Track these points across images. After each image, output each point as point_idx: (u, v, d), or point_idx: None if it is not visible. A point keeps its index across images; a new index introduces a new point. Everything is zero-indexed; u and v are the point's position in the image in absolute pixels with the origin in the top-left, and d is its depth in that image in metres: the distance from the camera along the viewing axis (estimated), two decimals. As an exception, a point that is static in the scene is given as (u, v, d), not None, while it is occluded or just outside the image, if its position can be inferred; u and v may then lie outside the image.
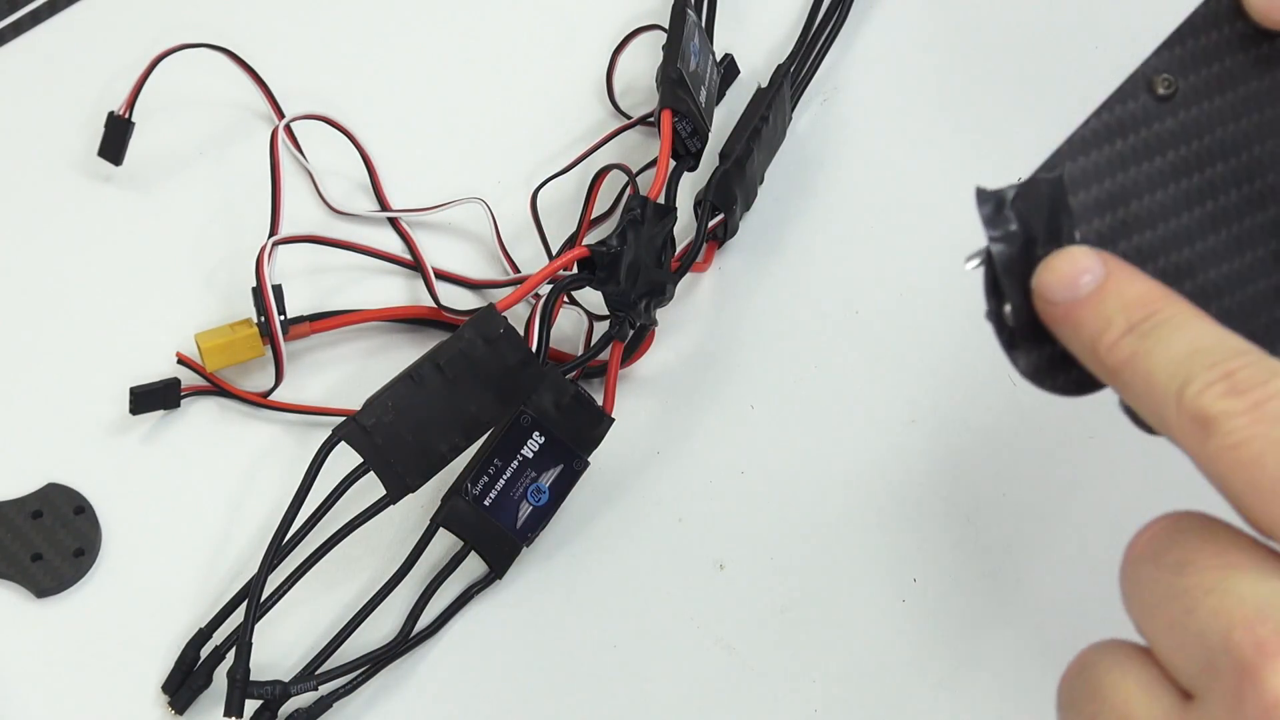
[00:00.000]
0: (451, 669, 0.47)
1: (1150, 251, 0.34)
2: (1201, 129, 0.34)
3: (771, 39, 0.59)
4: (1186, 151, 0.34)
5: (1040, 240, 0.33)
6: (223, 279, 0.54)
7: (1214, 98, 0.34)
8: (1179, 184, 0.34)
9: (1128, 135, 0.34)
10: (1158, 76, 0.34)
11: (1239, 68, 0.34)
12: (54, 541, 0.49)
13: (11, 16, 0.61)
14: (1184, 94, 0.34)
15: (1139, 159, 0.34)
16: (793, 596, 0.48)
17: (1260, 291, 0.34)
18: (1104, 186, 0.34)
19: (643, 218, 0.48)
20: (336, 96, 0.58)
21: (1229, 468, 0.28)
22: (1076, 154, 0.34)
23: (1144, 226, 0.34)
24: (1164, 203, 0.34)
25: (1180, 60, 0.34)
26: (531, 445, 0.47)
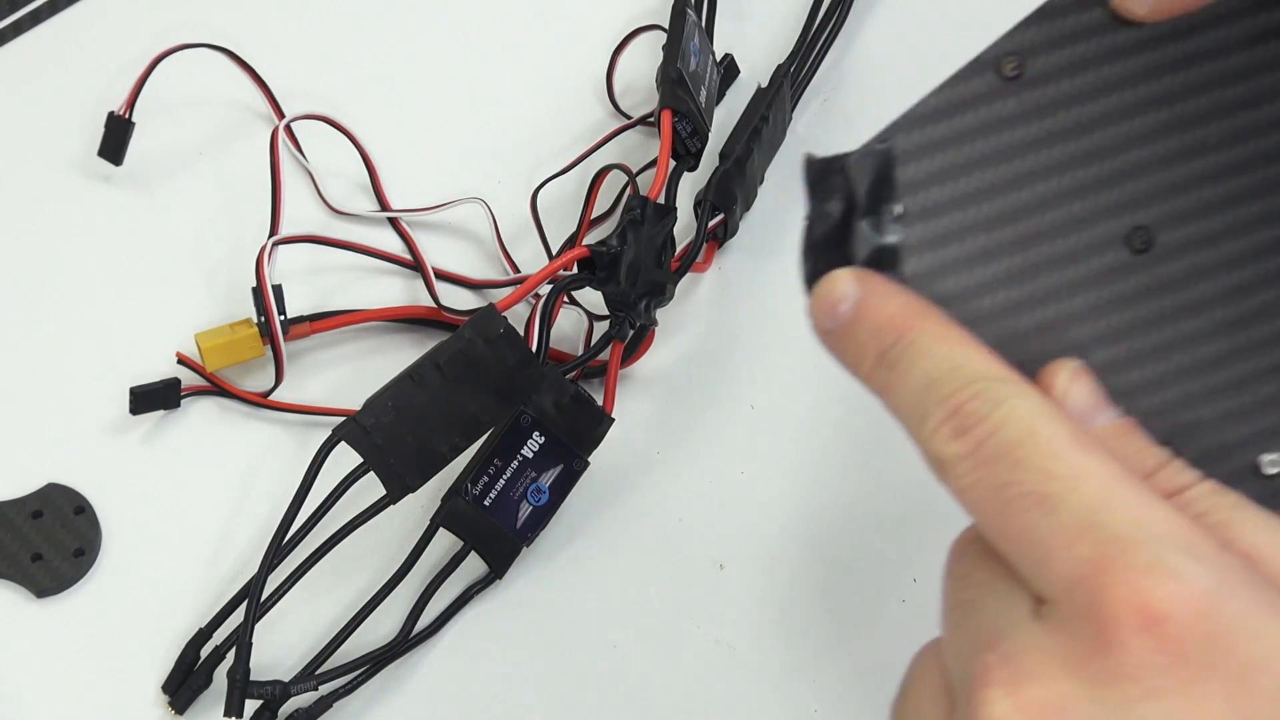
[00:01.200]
0: (451, 669, 0.47)
1: (983, 225, 0.33)
2: (1045, 111, 0.33)
3: (771, 39, 0.59)
4: (1027, 133, 0.33)
5: (860, 211, 0.33)
6: (223, 279, 0.54)
7: (1062, 82, 0.33)
8: (1018, 163, 0.33)
9: (968, 112, 0.33)
10: (1005, 57, 0.33)
11: (1092, 54, 0.33)
12: (54, 541, 0.49)
13: (11, 16, 0.61)
14: (1031, 76, 0.33)
15: (978, 136, 0.33)
16: (793, 596, 0.48)
17: (1093, 270, 0.33)
18: (938, 161, 0.33)
19: (643, 218, 0.48)
20: (336, 96, 0.58)
21: (966, 507, 0.29)
22: (913, 128, 0.33)
23: (977, 201, 0.33)
24: (1001, 180, 0.33)
25: (1032, 43, 0.33)
26: (531, 445, 0.47)
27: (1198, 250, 0.34)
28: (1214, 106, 0.34)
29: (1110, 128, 0.34)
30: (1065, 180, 0.33)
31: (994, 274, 0.33)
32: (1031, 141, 0.33)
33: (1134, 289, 0.33)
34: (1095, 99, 0.34)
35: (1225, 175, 0.34)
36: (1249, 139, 0.34)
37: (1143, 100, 0.34)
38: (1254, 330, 0.34)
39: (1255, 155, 0.34)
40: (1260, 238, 0.34)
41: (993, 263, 0.33)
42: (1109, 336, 0.33)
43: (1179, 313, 0.33)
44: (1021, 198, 0.33)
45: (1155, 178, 0.34)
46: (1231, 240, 0.34)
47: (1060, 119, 0.33)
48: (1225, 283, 0.34)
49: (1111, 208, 0.33)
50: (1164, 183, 0.34)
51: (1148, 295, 0.33)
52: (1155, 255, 0.33)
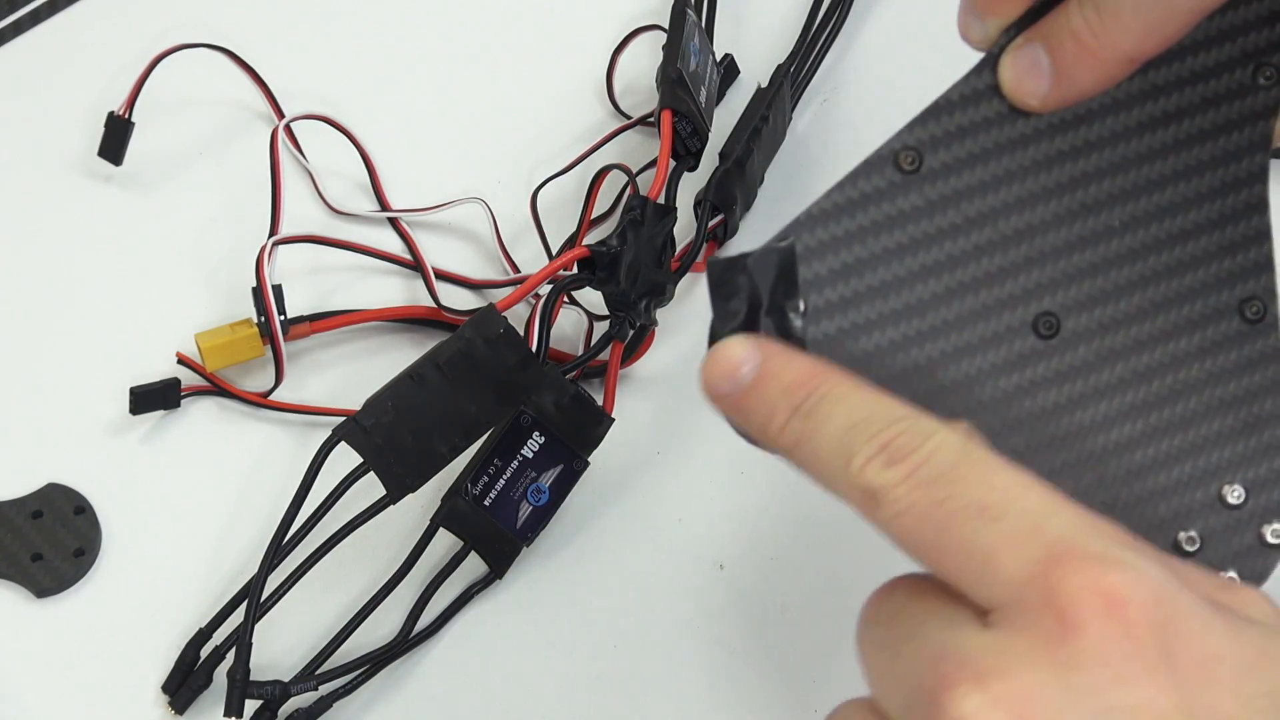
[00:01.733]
0: (451, 669, 0.47)
1: (887, 320, 0.33)
2: (946, 204, 0.34)
3: (771, 39, 0.59)
4: (929, 225, 0.34)
5: (763, 309, 0.33)
6: (223, 279, 0.54)
7: (961, 174, 0.34)
8: (921, 255, 0.34)
9: (869, 208, 0.34)
10: (903, 151, 0.34)
11: (989, 145, 0.34)
12: (54, 541, 0.49)
13: (11, 16, 0.61)
14: (929, 169, 0.34)
15: (879, 231, 0.34)
16: (793, 596, 0.48)
17: (1001, 358, 0.34)
18: (840, 257, 0.33)
19: (643, 218, 0.48)
20: (336, 96, 0.58)
21: (901, 534, 0.30)
22: (815, 225, 0.34)
23: (881, 295, 0.33)
24: (904, 274, 0.33)
25: (929, 136, 0.34)
26: (531, 445, 0.47)
27: (1103, 334, 0.34)
28: (1112, 192, 0.34)
29: (1011, 217, 0.34)
30: (969, 270, 0.34)
31: (900, 366, 0.33)
32: (934, 234, 0.34)
33: (1042, 374, 0.34)
34: (994, 189, 0.34)
35: (1127, 260, 0.34)
36: (1148, 224, 0.34)
37: (1042, 189, 0.34)
38: (1163, 412, 0.34)
39: (1154, 240, 0.34)
40: (1164, 320, 0.34)
41: (898, 355, 0.33)
42: (1020, 423, 0.34)
43: (1089, 397, 0.34)
44: (926, 290, 0.34)
45: (1059, 264, 0.34)
46: (1137, 323, 0.34)
47: (961, 210, 0.34)
48: (1133, 365, 0.34)
49: (1017, 295, 0.34)
50: (1068, 269, 0.34)
51: (1056, 380, 0.34)
52: (1062, 340, 0.34)
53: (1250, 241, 0.34)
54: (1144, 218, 0.34)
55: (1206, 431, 0.34)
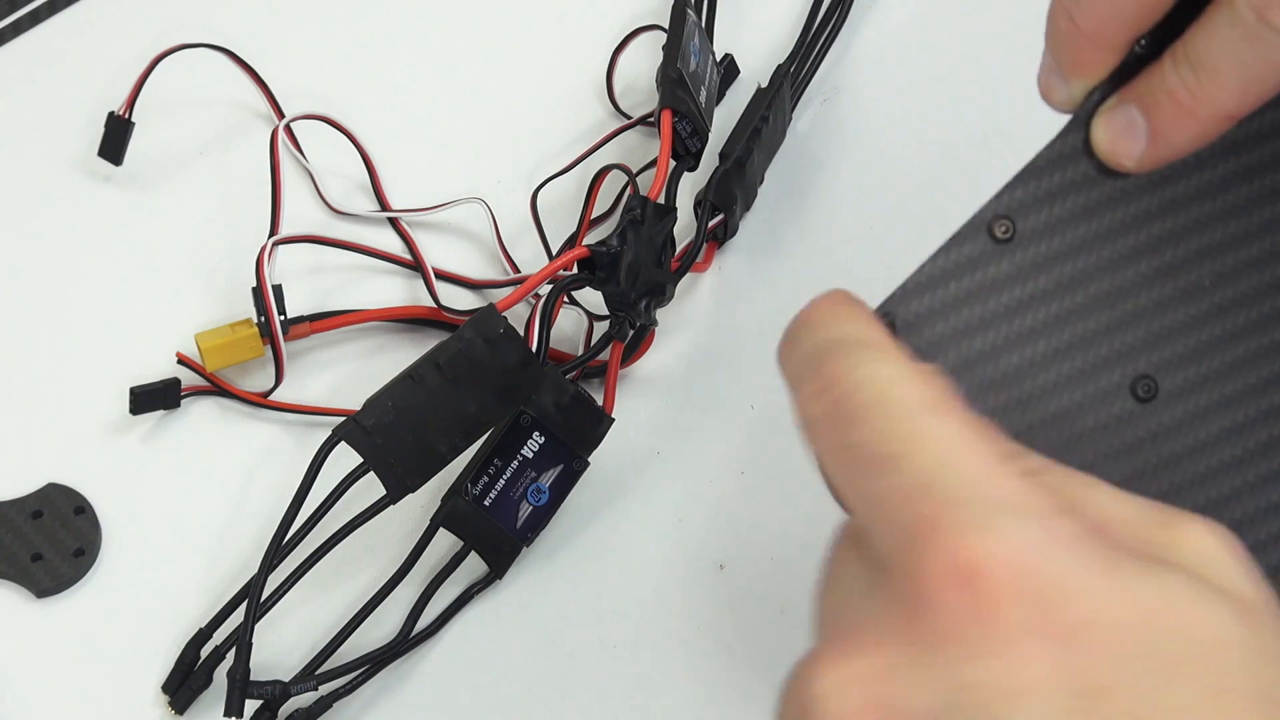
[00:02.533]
0: (451, 669, 0.47)
1: (987, 388, 0.33)
2: (1040, 269, 0.34)
3: (771, 39, 0.59)
4: (1024, 292, 0.34)
5: None
6: (223, 279, 0.54)
7: (1054, 238, 0.34)
8: (1018, 322, 0.34)
9: (964, 277, 0.34)
10: (996, 220, 0.34)
11: (1080, 208, 0.34)
12: (54, 541, 0.49)
13: (11, 16, 0.61)
14: (1023, 235, 0.34)
15: (975, 301, 0.34)
16: (793, 596, 0.48)
17: (1100, 421, 0.34)
18: (938, 329, 0.34)
19: (643, 218, 0.48)
20: (336, 96, 0.58)
21: (824, 472, 0.30)
22: (911, 298, 0.34)
23: (980, 363, 0.34)
24: (1002, 341, 0.34)
25: (1021, 202, 0.34)
26: (531, 445, 0.47)
27: (1200, 392, 0.34)
28: (1203, 249, 0.34)
29: (1105, 278, 0.34)
30: (1066, 335, 0.34)
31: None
32: (1029, 300, 0.34)
33: (1142, 436, 0.34)
34: (1088, 251, 0.34)
35: (1220, 316, 0.34)
36: (1239, 278, 0.34)
37: (1132, 248, 0.34)
38: (1260, 466, 0.34)
39: (1247, 293, 0.34)
40: (1260, 373, 0.34)
41: (998, 423, 0.32)
42: (1121, 486, 0.33)
43: (1187, 455, 0.34)
44: (1024, 356, 0.34)
45: (1153, 324, 0.34)
46: (1232, 379, 0.34)
47: (1055, 274, 0.34)
48: (1230, 421, 0.34)
49: (1114, 358, 0.34)
50: (1162, 329, 0.34)
51: (1155, 441, 0.34)
52: (1160, 401, 0.34)
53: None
54: (1234, 272, 0.34)
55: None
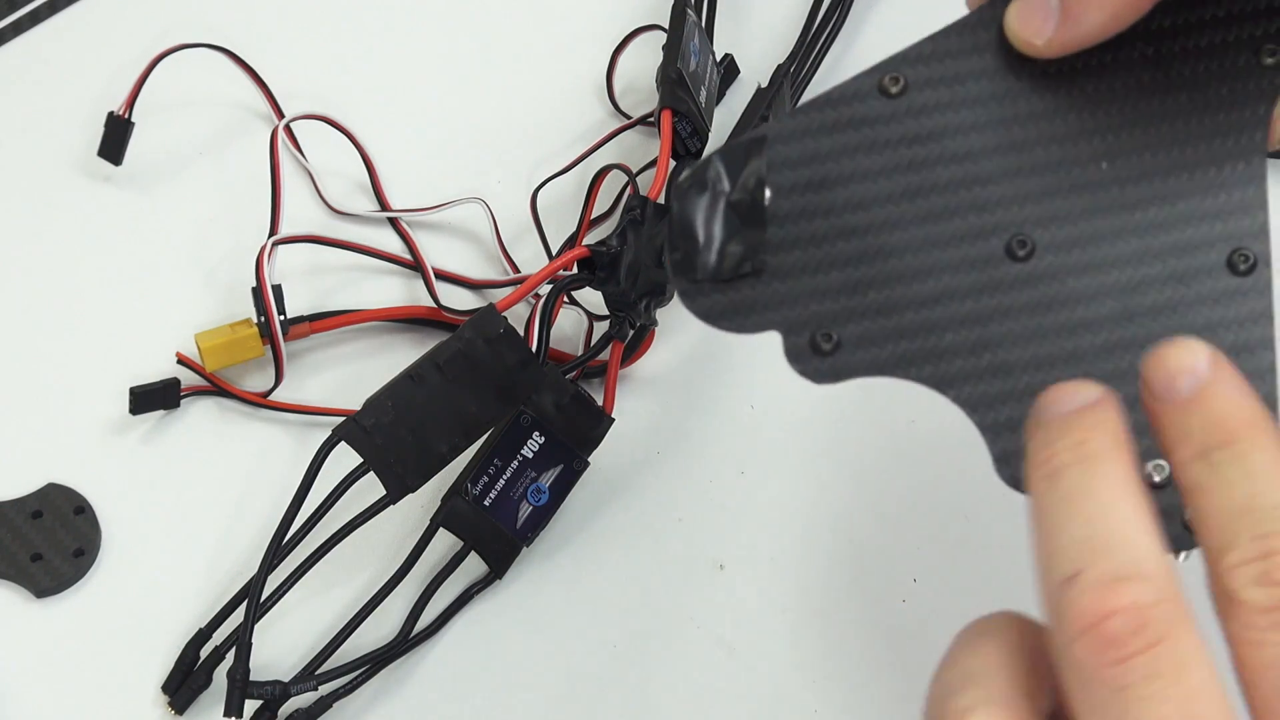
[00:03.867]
0: (451, 669, 0.47)
1: (847, 232, 0.33)
2: (926, 135, 0.34)
3: (771, 39, 0.59)
4: (906, 152, 0.34)
5: (731, 192, 0.33)
6: (223, 279, 0.54)
7: (946, 112, 0.34)
8: (892, 180, 0.34)
9: (849, 128, 0.34)
10: (889, 75, 0.34)
11: (980, 88, 0.34)
12: (54, 541, 0.49)
13: (11, 16, 0.61)
14: (913, 96, 0.34)
15: (856, 150, 0.34)
16: (793, 596, 0.48)
17: (955, 284, 0.34)
18: (812, 170, 0.34)
19: (643, 218, 0.48)
20: (336, 96, 0.58)
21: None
22: (790, 137, 0.34)
23: (846, 210, 0.34)
24: (873, 193, 0.34)
25: (921, 64, 0.34)
26: (531, 445, 0.47)
27: (1079, 251, 0.34)
28: (1101, 150, 0.34)
29: (994, 158, 0.34)
30: (945, 191, 0.34)
31: (868, 274, 0.34)
32: (909, 160, 0.34)
33: (1017, 292, 0.34)
34: (980, 131, 0.34)
35: (1113, 203, 0.34)
36: (1137, 181, 0.34)
37: (1030, 136, 0.34)
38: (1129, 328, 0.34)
39: (1143, 196, 0.34)
40: (1132, 243, 0.34)
41: (863, 267, 0.34)
42: (991, 342, 0.34)
43: (1062, 309, 0.34)
44: (896, 211, 0.34)
45: (1040, 203, 0.34)
46: (1108, 245, 0.34)
47: (943, 144, 0.34)
48: (1103, 281, 0.34)
49: (993, 223, 0.34)
50: (1048, 207, 0.34)
51: (1029, 296, 0.34)
52: (1035, 260, 0.34)
53: (1243, 187, 0.34)
54: (1134, 175, 0.34)
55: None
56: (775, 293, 0.33)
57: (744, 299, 0.33)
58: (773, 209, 0.34)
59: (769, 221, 0.34)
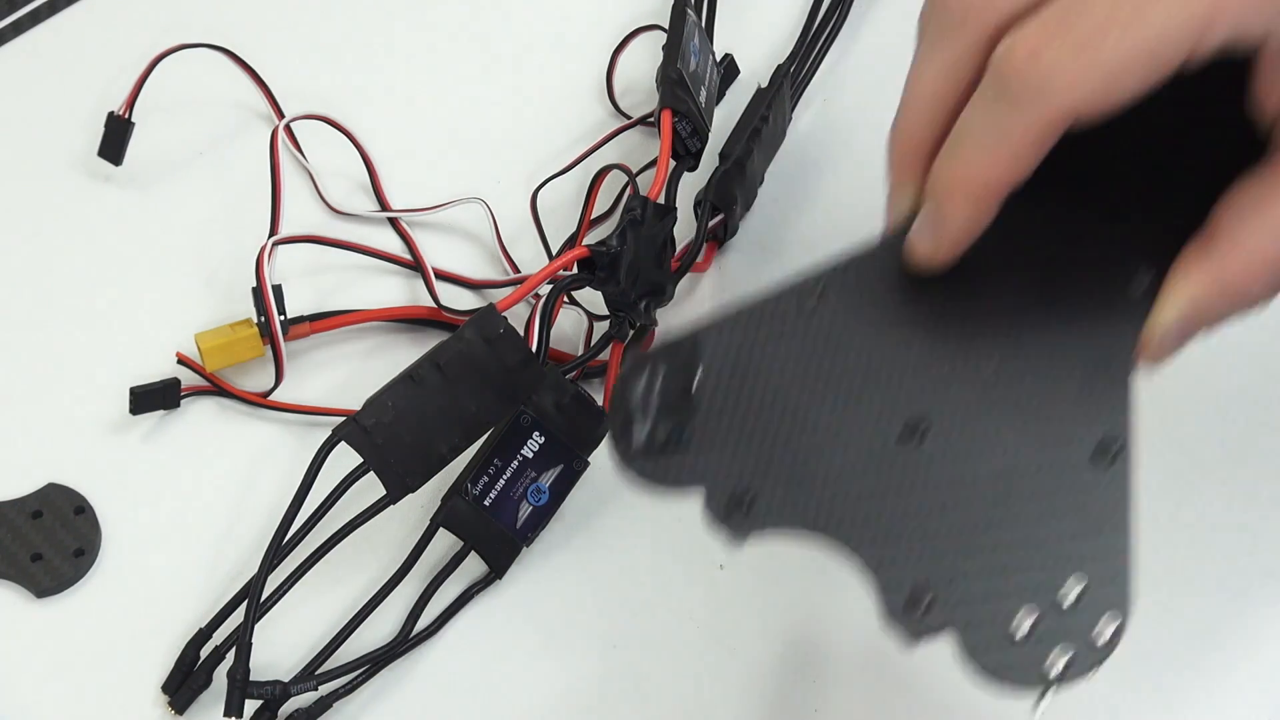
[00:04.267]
0: (451, 669, 0.47)
1: (764, 415, 0.38)
2: (838, 337, 0.39)
3: (771, 39, 0.59)
4: (820, 350, 0.39)
5: (666, 378, 0.39)
6: (223, 279, 0.54)
7: (855, 318, 0.39)
8: (806, 373, 0.39)
9: (772, 325, 0.39)
10: (807, 285, 0.39)
11: (886, 299, 0.39)
12: (54, 541, 0.49)
13: (11, 16, 0.61)
14: (827, 303, 0.39)
15: (782, 346, 0.39)
16: (793, 596, 0.48)
17: (857, 462, 0.38)
18: (739, 363, 0.39)
19: (643, 218, 0.48)
20: (336, 96, 0.58)
21: None
22: (726, 332, 0.39)
23: (765, 397, 0.38)
24: (790, 383, 0.39)
25: (836, 276, 0.39)
26: (531, 445, 0.47)
27: (964, 440, 0.38)
28: (990, 351, 0.39)
29: (898, 351, 0.39)
30: (851, 384, 0.39)
31: (779, 452, 0.38)
32: (825, 351, 0.39)
33: (906, 476, 0.38)
34: (881, 335, 0.39)
35: (997, 391, 0.39)
36: (1021, 378, 0.39)
37: (927, 334, 0.39)
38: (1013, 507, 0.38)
39: (1023, 394, 0.39)
40: (1022, 429, 0.38)
41: (779, 444, 0.38)
42: (885, 524, 0.38)
43: (949, 490, 0.38)
44: (814, 399, 0.38)
45: (933, 391, 0.39)
46: (997, 434, 0.38)
47: (851, 334, 0.39)
48: (991, 465, 0.38)
49: (890, 409, 0.38)
50: (940, 395, 0.39)
51: (920, 479, 0.38)
52: (928, 446, 0.38)
53: (1112, 392, 0.39)
54: (1018, 377, 0.39)
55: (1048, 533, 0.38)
56: (700, 460, 0.38)
57: (674, 463, 0.38)
58: (700, 394, 0.38)
59: (697, 404, 0.38)
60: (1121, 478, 0.38)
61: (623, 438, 0.39)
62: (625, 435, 0.39)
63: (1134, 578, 0.36)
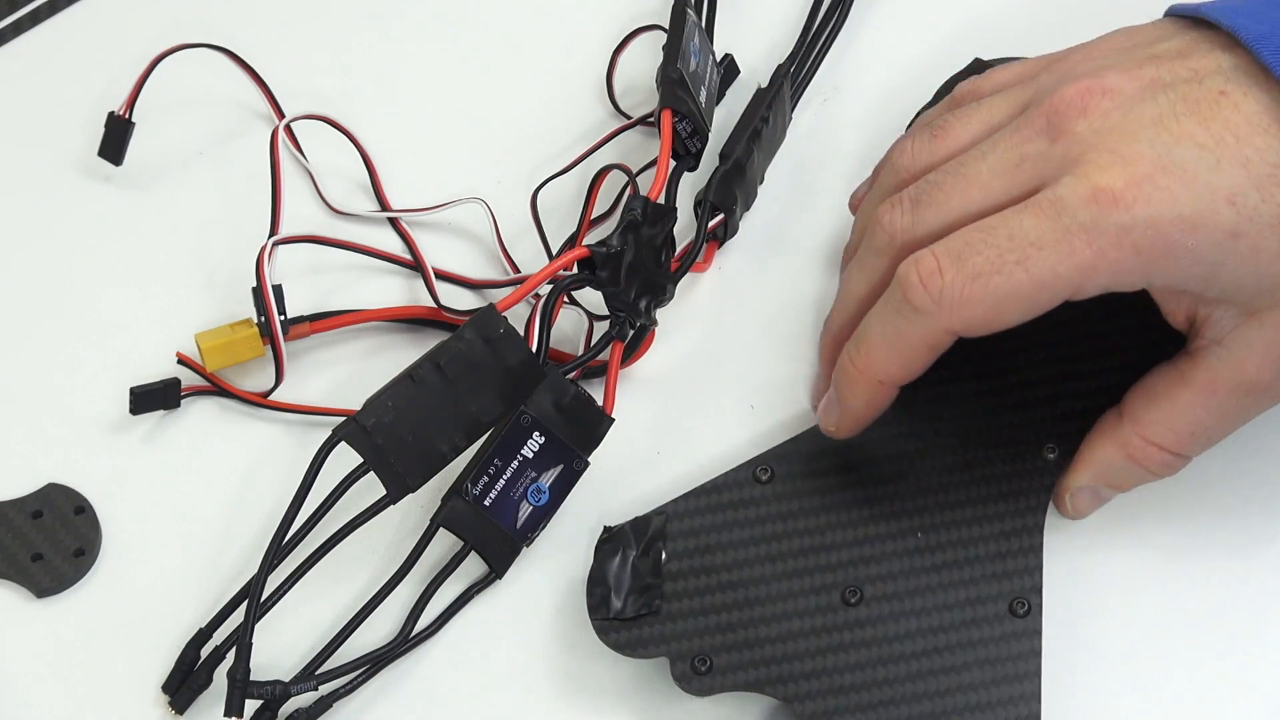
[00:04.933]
0: (451, 669, 0.47)
1: (723, 585, 0.45)
2: (786, 513, 0.46)
3: (771, 39, 0.59)
4: (770, 525, 0.45)
5: (637, 553, 0.45)
6: (223, 279, 0.54)
7: (800, 495, 0.46)
8: (758, 546, 0.45)
9: (732, 504, 0.46)
10: (759, 467, 0.46)
11: (824, 478, 0.46)
12: (54, 541, 0.49)
13: (11, 16, 0.61)
14: (777, 484, 0.46)
15: (736, 520, 0.46)
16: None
17: (803, 624, 0.44)
18: (700, 539, 0.45)
19: (643, 218, 0.48)
20: (336, 96, 0.58)
21: None
22: (684, 513, 0.46)
23: (723, 569, 0.45)
24: (744, 556, 0.45)
25: (784, 459, 0.46)
26: (531, 445, 0.47)
27: (895, 601, 0.44)
28: (915, 509, 0.46)
29: (836, 516, 0.46)
30: (798, 551, 0.45)
31: (735, 618, 0.44)
32: (775, 523, 0.45)
33: (848, 633, 0.44)
34: (822, 494, 0.46)
35: (923, 554, 0.45)
36: (941, 531, 0.45)
37: (862, 500, 0.46)
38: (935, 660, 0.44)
39: (945, 542, 0.45)
40: (944, 595, 0.44)
41: (734, 612, 0.44)
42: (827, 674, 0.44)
43: (884, 644, 0.44)
44: (766, 567, 0.45)
45: (868, 552, 0.45)
46: (922, 596, 0.44)
47: (798, 508, 0.46)
48: (918, 623, 0.44)
49: (833, 571, 0.45)
50: (875, 555, 0.45)
51: (857, 636, 0.44)
52: (864, 605, 0.44)
53: (1024, 554, 0.45)
54: (942, 544, 0.45)
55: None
56: (666, 630, 0.44)
57: (644, 634, 0.44)
58: (668, 568, 0.45)
59: (664, 577, 0.45)
60: (1034, 628, 0.43)
61: (600, 609, 0.45)
62: (603, 607, 0.45)
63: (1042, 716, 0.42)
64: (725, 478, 0.46)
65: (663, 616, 0.44)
